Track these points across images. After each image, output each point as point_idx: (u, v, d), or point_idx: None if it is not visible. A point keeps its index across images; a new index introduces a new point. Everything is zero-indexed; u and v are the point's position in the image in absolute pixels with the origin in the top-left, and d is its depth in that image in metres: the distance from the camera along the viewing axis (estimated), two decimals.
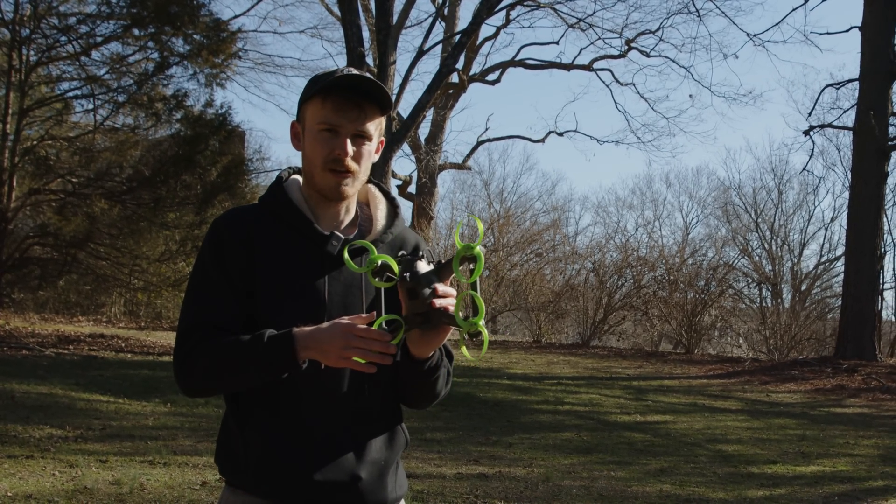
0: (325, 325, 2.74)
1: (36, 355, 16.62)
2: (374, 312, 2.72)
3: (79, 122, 22.79)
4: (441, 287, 2.71)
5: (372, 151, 3.04)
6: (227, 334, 2.84)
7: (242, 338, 2.80)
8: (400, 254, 2.78)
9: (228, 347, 2.81)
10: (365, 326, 2.67)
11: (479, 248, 2.67)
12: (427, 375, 2.98)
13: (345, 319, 2.71)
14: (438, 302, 2.70)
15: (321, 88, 2.93)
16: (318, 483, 2.88)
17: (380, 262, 2.70)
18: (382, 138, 3.10)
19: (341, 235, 2.99)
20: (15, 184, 20.02)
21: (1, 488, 8.11)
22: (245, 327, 2.87)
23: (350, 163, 2.95)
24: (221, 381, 2.87)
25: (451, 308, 2.71)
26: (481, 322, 2.66)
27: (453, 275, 2.72)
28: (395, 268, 2.70)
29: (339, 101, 2.93)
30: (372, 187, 3.20)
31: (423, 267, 2.70)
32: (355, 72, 2.95)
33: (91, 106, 21.77)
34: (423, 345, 2.85)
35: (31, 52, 20.50)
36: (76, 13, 21.17)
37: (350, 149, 2.94)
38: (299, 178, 3.13)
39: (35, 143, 20.62)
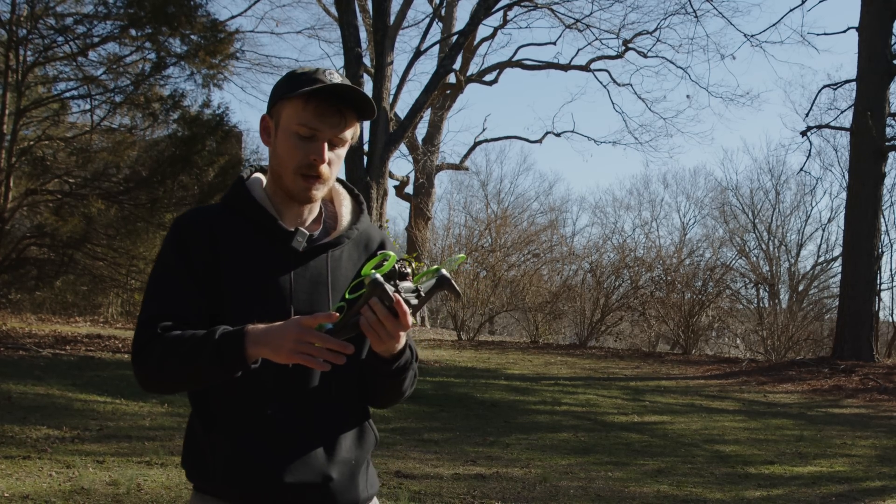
0: (280, 323, 2.68)
1: (33, 356, 16.60)
2: (336, 313, 2.66)
3: (76, 123, 22.80)
4: (383, 313, 2.65)
5: (343, 156, 3.03)
6: (188, 329, 2.80)
7: (196, 333, 2.76)
8: (403, 260, 2.76)
9: (181, 342, 2.75)
10: (318, 333, 2.61)
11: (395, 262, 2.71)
12: (395, 375, 2.95)
13: (305, 319, 2.64)
14: (364, 320, 2.67)
15: (308, 92, 2.87)
16: (288, 485, 2.84)
17: (397, 266, 2.71)
18: (353, 139, 3.04)
19: (306, 231, 2.96)
20: (12, 184, 20.02)
21: None
22: (210, 324, 2.82)
23: (324, 169, 2.92)
24: (173, 375, 2.79)
25: (370, 335, 2.71)
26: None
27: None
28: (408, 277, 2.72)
29: (321, 106, 2.89)
30: (336, 184, 3.16)
31: (401, 286, 2.68)
32: (338, 78, 2.90)
33: (88, 106, 21.80)
34: (377, 342, 2.78)
35: (28, 53, 20.49)
36: (73, 13, 21.17)
37: (326, 155, 2.91)
38: (261, 175, 3.11)
39: (32, 143, 20.62)
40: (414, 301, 2.70)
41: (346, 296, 2.75)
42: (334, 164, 2.97)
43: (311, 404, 2.90)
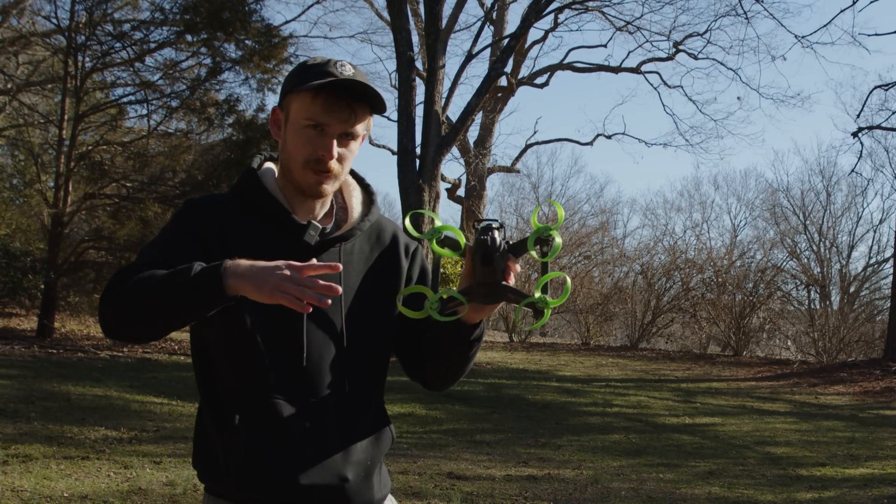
0: (271, 262, 2.47)
1: (91, 357, 16.86)
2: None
3: (133, 128, 22.99)
4: (513, 263, 2.64)
5: (356, 150, 2.91)
6: None
7: (172, 269, 2.56)
8: (482, 221, 2.65)
9: (154, 276, 2.57)
10: (309, 263, 2.44)
11: (556, 232, 2.66)
12: (470, 346, 2.88)
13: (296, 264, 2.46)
14: (512, 279, 2.65)
15: (315, 86, 2.75)
16: (304, 487, 2.77)
17: (444, 234, 2.65)
18: (366, 132, 2.93)
19: (319, 225, 2.85)
20: (70, 188, 20.27)
21: (57, 489, 8.25)
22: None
23: (333, 164, 2.81)
24: (141, 309, 2.56)
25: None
26: (552, 306, 2.65)
27: (525, 253, 2.65)
28: (462, 240, 2.65)
29: (330, 100, 2.77)
30: (347, 176, 3.02)
31: (499, 237, 2.59)
32: (350, 70, 2.80)
33: (145, 111, 22.04)
34: (473, 311, 2.74)
35: (87, 59, 20.73)
36: (130, 20, 21.40)
37: (335, 151, 2.80)
38: (272, 165, 3.01)
39: (90, 148, 20.85)
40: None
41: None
42: (346, 159, 2.86)
43: (325, 402, 2.83)
